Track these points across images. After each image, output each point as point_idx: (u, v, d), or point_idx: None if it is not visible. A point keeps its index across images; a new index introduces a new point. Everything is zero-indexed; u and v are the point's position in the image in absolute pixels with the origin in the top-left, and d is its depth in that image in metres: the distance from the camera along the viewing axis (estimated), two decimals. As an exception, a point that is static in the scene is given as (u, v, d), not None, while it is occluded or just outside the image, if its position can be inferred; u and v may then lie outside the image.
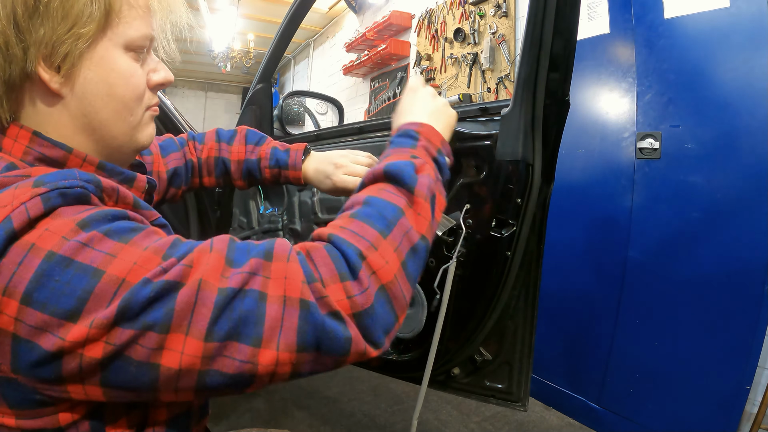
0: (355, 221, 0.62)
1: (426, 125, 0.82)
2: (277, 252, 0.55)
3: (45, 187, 0.50)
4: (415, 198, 0.67)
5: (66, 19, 0.57)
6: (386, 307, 0.58)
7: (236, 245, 0.56)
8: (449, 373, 1.37)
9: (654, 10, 2.27)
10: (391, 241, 0.61)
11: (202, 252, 0.52)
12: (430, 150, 0.79)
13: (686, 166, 2.12)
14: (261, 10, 7.42)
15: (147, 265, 0.49)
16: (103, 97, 0.63)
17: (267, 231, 1.79)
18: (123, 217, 0.54)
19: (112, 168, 0.66)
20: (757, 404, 1.99)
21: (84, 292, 0.47)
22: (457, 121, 0.92)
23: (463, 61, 3.96)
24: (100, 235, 0.49)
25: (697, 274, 2.08)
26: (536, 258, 1.22)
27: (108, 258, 0.48)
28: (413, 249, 0.64)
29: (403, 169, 0.69)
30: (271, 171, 1.13)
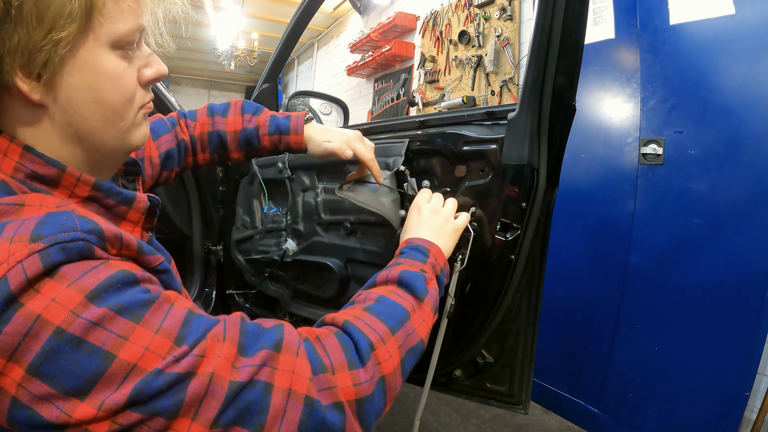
0: (369, 315, 0.69)
1: (435, 246, 0.94)
2: (287, 344, 0.57)
3: (43, 242, 0.47)
4: (423, 306, 0.77)
5: (42, 22, 0.51)
6: (382, 396, 0.63)
7: (247, 329, 0.57)
8: (451, 375, 1.38)
9: (659, 16, 2.27)
10: (397, 338, 0.68)
11: (215, 340, 0.52)
12: (436, 268, 0.90)
13: (689, 172, 2.12)
14: (265, 9, 7.43)
15: (159, 350, 0.48)
16: (90, 104, 0.58)
17: (270, 231, 1.79)
18: (133, 283, 0.51)
19: (109, 188, 0.62)
20: (756, 410, 1.99)
21: (94, 374, 0.46)
22: (458, 230, 1.08)
23: (468, 63, 3.97)
24: (111, 313, 0.47)
25: (697, 281, 2.08)
26: (539, 262, 1.23)
27: (119, 341, 0.47)
28: (412, 349, 0.71)
29: (416, 279, 0.80)
30: (271, 138, 1.11)
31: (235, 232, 1.95)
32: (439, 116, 1.37)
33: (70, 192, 0.59)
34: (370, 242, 1.43)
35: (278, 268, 1.74)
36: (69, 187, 0.58)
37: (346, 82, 6.67)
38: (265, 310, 1.92)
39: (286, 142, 1.12)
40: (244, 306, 2.01)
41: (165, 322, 0.50)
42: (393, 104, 5.18)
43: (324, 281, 1.58)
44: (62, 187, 0.58)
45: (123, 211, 0.65)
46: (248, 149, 1.14)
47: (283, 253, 1.70)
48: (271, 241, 1.78)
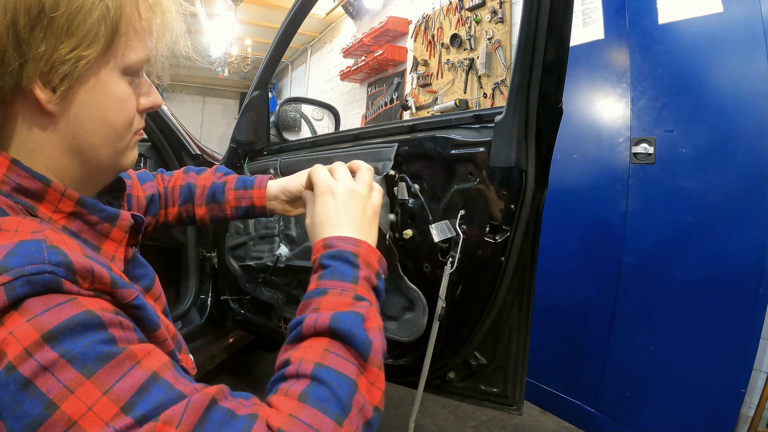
0: (306, 407, 0.53)
1: (363, 243, 0.73)
2: None
3: (8, 275, 0.46)
4: (369, 366, 0.61)
5: (71, 37, 0.54)
6: None
7: (210, 418, 0.48)
8: (445, 378, 1.38)
9: (648, 15, 2.28)
10: (347, 427, 0.54)
11: (166, 424, 0.46)
12: (371, 279, 0.71)
13: (680, 170, 2.13)
14: (258, 16, 7.44)
15: (102, 413, 0.44)
16: (96, 121, 0.61)
17: (263, 237, 1.79)
18: (96, 327, 0.48)
19: (92, 204, 0.62)
20: (753, 407, 2.00)
21: (33, 420, 0.43)
22: (377, 210, 0.82)
23: (460, 66, 3.98)
24: (63, 361, 0.45)
25: (691, 278, 2.09)
26: (530, 263, 1.23)
27: (65, 392, 0.44)
28: (367, 424, 0.58)
29: (353, 330, 0.61)
30: (236, 192, 1.10)
31: (229, 238, 1.95)
32: (428, 120, 1.38)
33: (54, 207, 0.59)
34: None
35: (272, 273, 1.75)
36: (53, 202, 0.59)
37: (340, 87, 6.68)
38: (260, 315, 1.92)
39: (249, 197, 1.10)
40: (239, 312, 2.01)
41: (118, 384, 0.46)
42: (386, 108, 5.19)
43: None
44: (47, 202, 0.59)
45: (106, 229, 0.65)
46: (213, 204, 1.12)
47: (276, 259, 1.70)
48: (265, 247, 1.79)
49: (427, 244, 1.32)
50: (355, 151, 1.49)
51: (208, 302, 2.22)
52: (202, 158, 2.21)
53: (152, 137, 2.22)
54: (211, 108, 12.05)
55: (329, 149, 1.63)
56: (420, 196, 1.32)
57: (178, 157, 2.22)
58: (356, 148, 1.51)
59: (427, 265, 1.34)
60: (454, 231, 1.24)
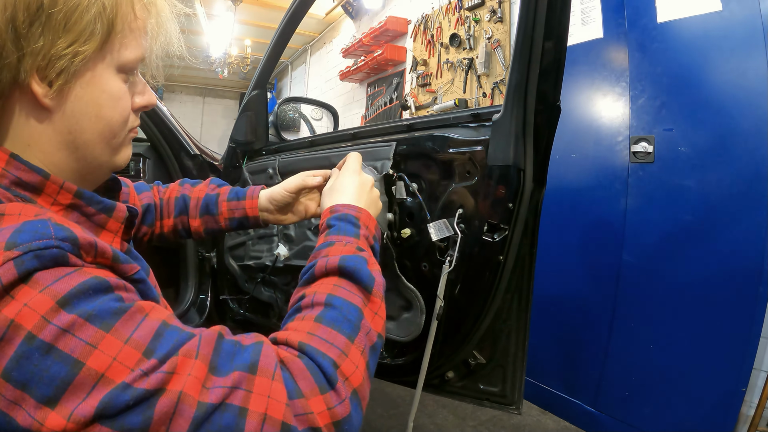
0: (322, 327, 0.63)
1: (364, 211, 0.88)
2: (263, 366, 0.55)
3: (18, 249, 0.48)
4: (373, 298, 0.72)
5: (68, 33, 0.56)
6: (358, 410, 0.60)
7: (222, 347, 0.54)
8: (443, 377, 1.38)
9: (647, 14, 2.28)
10: (357, 344, 0.64)
11: (186, 357, 0.51)
12: (369, 239, 0.84)
13: (680, 169, 2.13)
14: (258, 16, 7.44)
15: (127, 362, 0.48)
16: (91, 117, 0.62)
17: (262, 237, 1.79)
18: (105, 290, 0.51)
19: (90, 197, 0.64)
20: (753, 406, 1.99)
21: (62, 382, 0.46)
22: (380, 209, 0.97)
23: (459, 66, 3.98)
24: (81, 320, 0.47)
25: (691, 277, 2.08)
26: (529, 262, 1.23)
27: (88, 349, 0.47)
28: (373, 348, 0.68)
29: (359, 267, 0.73)
30: (228, 204, 1.14)
31: (228, 238, 1.95)
32: (426, 119, 1.37)
33: (52, 199, 0.61)
34: None
35: (271, 273, 1.75)
36: (52, 195, 0.60)
37: (339, 87, 6.68)
38: (259, 315, 1.92)
39: (242, 207, 1.14)
40: (238, 311, 2.01)
41: (136, 333, 0.50)
42: (386, 108, 5.19)
43: None
44: (45, 194, 0.60)
45: (103, 220, 0.67)
46: (207, 216, 1.15)
47: (275, 259, 1.70)
48: (263, 247, 1.79)
49: (426, 243, 1.31)
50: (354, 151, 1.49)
51: (208, 302, 2.22)
52: (200, 158, 2.21)
53: (151, 137, 2.22)
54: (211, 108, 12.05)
55: (328, 149, 1.63)
56: (418, 195, 1.32)
57: (177, 157, 2.22)
58: (355, 147, 1.51)
59: (425, 264, 1.34)
60: (452, 230, 1.24)
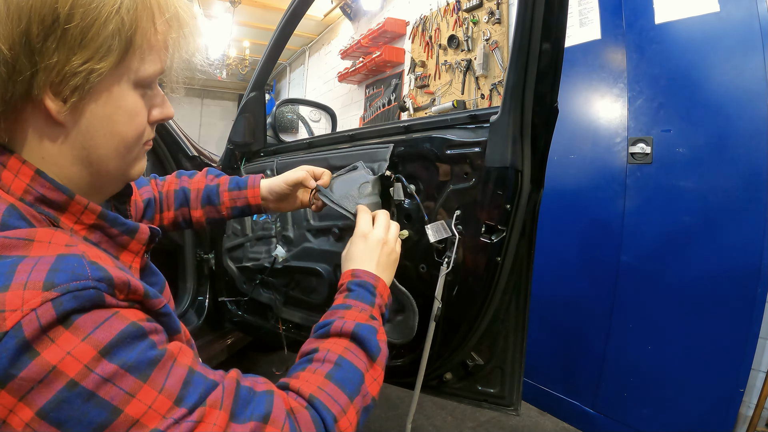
0: (330, 384, 0.72)
1: (381, 280, 0.96)
2: (274, 417, 0.61)
3: (56, 290, 0.48)
4: (375, 365, 0.81)
5: (84, 49, 0.54)
6: None
7: (240, 396, 0.60)
8: (442, 378, 1.38)
9: (645, 15, 2.29)
10: (355, 405, 0.73)
11: (212, 407, 0.56)
12: (382, 307, 0.93)
13: (678, 170, 2.13)
14: (256, 18, 7.45)
15: (160, 409, 0.51)
16: (106, 133, 0.61)
17: (260, 238, 1.79)
18: (141, 336, 0.53)
19: (114, 218, 0.65)
20: (752, 406, 2.00)
21: (100, 426, 0.48)
22: (397, 260, 1.06)
23: (457, 67, 3.98)
24: (122, 371, 0.50)
25: (689, 278, 2.09)
26: (526, 263, 1.23)
27: (127, 398, 0.50)
28: (366, 409, 0.77)
29: (370, 335, 0.82)
30: (230, 194, 1.16)
31: (226, 239, 1.95)
32: (424, 120, 1.37)
33: (76, 218, 0.61)
34: None
35: (269, 274, 1.75)
36: (76, 214, 0.61)
37: (338, 89, 6.68)
38: (258, 317, 1.92)
39: (245, 196, 1.17)
40: (236, 313, 2.00)
41: (168, 381, 0.53)
42: (384, 110, 5.19)
43: (314, 286, 1.59)
44: (69, 213, 0.60)
45: (125, 241, 0.68)
46: (209, 206, 1.18)
47: (273, 260, 1.70)
48: (262, 249, 1.79)
49: (423, 245, 1.31)
50: (352, 152, 1.48)
51: (206, 304, 2.22)
52: (199, 159, 2.21)
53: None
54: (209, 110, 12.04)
55: (326, 150, 1.63)
56: (416, 197, 1.32)
57: (175, 159, 2.22)
58: (352, 149, 1.51)
59: (423, 266, 1.34)
60: (450, 231, 1.24)
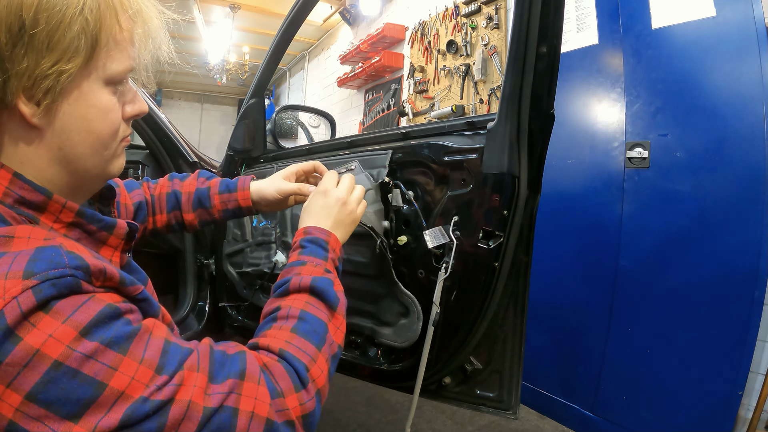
0: (297, 337, 0.75)
1: (332, 235, 0.98)
2: (249, 373, 0.65)
3: (35, 278, 0.51)
4: (336, 315, 0.85)
5: (52, 51, 0.56)
6: (320, 405, 0.74)
7: (215, 358, 0.64)
8: (440, 382, 1.38)
9: (641, 20, 2.30)
10: (323, 353, 0.77)
11: (190, 370, 0.59)
12: (336, 261, 0.95)
13: (675, 174, 2.14)
14: (256, 23, 7.47)
15: (143, 379, 0.54)
16: (81, 132, 0.63)
17: (260, 244, 1.80)
18: (118, 316, 0.56)
19: (92, 215, 0.66)
20: (751, 409, 2.00)
21: (88, 400, 0.51)
22: (356, 221, 1.06)
23: (456, 72, 4.00)
24: (102, 347, 0.52)
25: (687, 282, 2.09)
26: (524, 268, 1.24)
27: (110, 371, 0.52)
28: (333, 356, 0.80)
29: (327, 289, 0.85)
30: (221, 196, 1.17)
31: (227, 245, 1.96)
32: (422, 127, 1.39)
33: (55, 217, 0.63)
34: (355, 253, 1.44)
35: (269, 280, 1.75)
36: (54, 213, 0.62)
37: (337, 94, 6.70)
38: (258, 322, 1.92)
39: (235, 199, 1.18)
40: (236, 318, 2.01)
41: (147, 353, 0.56)
42: (383, 115, 5.21)
43: None
44: (48, 213, 0.62)
45: (104, 237, 0.69)
46: (201, 210, 1.18)
47: (273, 266, 1.71)
48: (262, 254, 1.80)
49: (422, 250, 1.32)
50: (351, 159, 1.50)
51: (206, 309, 2.22)
52: (199, 165, 2.22)
53: (149, 145, 2.23)
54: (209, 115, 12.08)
55: (325, 156, 1.64)
56: (414, 203, 1.33)
57: (176, 165, 2.23)
58: (352, 156, 1.52)
59: (421, 271, 1.35)
60: (448, 237, 1.25)
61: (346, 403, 2.67)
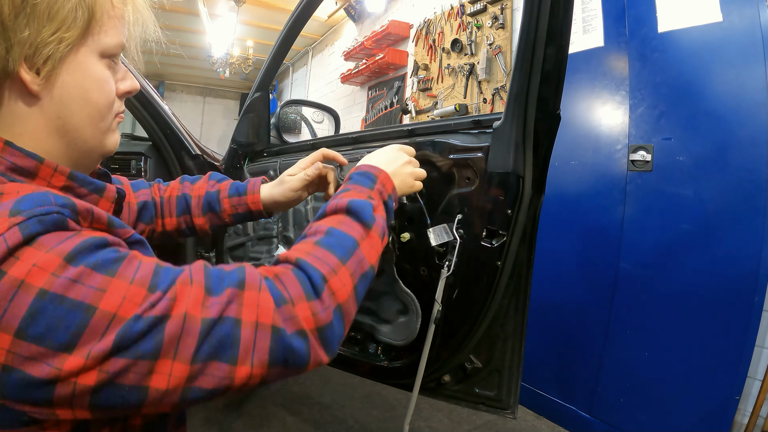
0: (319, 248, 0.71)
1: (384, 172, 0.94)
2: (249, 281, 0.62)
3: (21, 215, 0.51)
4: (371, 233, 0.80)
5: (52, 21, 0.59)
6: (341, 322, 0.68)
7: (211, 273, 0.61)
8: (440, 381, 1.39)
9: (648, 24, 2.30)
10: (348, 267, 0.71)
11: (183, 284, 0.57)
12: (383, 194, 0.90)
13: (677, 178, 2.14)
14: (260, 17, 7.45)
15: (135, 298, 0.53)
16: (79, 101, 0.65)
17: (262, 238, 1.80)
18: (105, 245, 0.56)
19: (82, 178, 0.68)
20: (747, 414, 2.01)
21: (79, 327, 0.50)
22: (413, 187, 1.03)
23: (460, 71, 4.00)
24: (87, 270, 0.52)
25: (687, 285, 2.10)
26: (526, 268, 1.24)
27: (98, 294, 0.51)
28: (363, 275, 0.75)
29: (364, 207, 0.81)
30: (230, 200, 1.16)
31: (228, 239, 1.96)
32: (427, 125, 1.39)
33: (47, 182, 0.64)
34: None
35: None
36: (46, 178, 0.64)
37: (340, 90, 6.69)
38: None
39: (245, 203, 1.17)
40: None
41: (137, 274, 0.55)
42: (386, 112, 5.20)
43: None
44: (39, 178, 0.63)
45: (95, 200, 0.71)
46: (211, 214, 1.17)
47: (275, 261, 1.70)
48: (263, 248, 1.80)
49: (425, 248, 1.32)
50: (355, 155, 1.49)
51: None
52: (202, 158, 2.22)
53: (152, 136, 2.23)
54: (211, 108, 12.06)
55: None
56: (419, 200, 1.33)
57: (179, 157, 2.23)
58: (356, 152, 1.52)
59: (424, 269, 1.35)
60: (452, 235, 1.25)
61: (343, 400, 2.68)
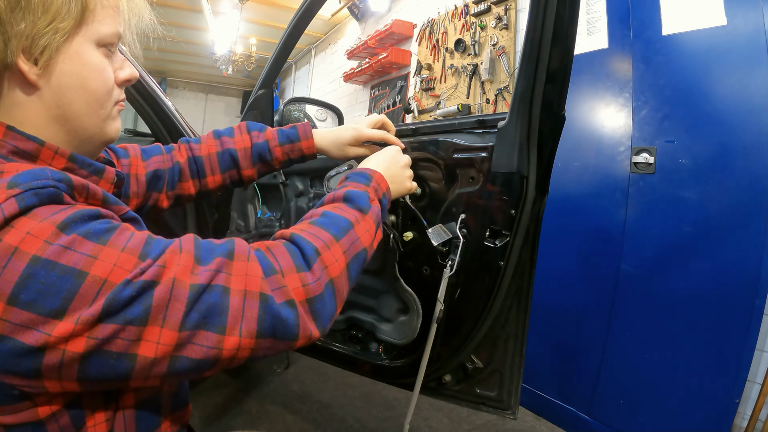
0: (314, 226, 0.75)
1: (378, 173, 0.98)
2: (238, 251, 0.64)
3: (19, 188, 0.53)
4: (366, 218, 0.84)
5: (46, 13, 0.60)
6: (332, 297, 0.70)
7: (201, 244, 0.64)
8: (440, 380, 1.39)
9: (652, 26, 2.30)
10: (341, 244, 0.74)
11: (173, 252, 0.59)
12: (378, 192, 0.94)
13: (680, 181, 2.14)
14: (264, 15, 7.45)
15: (125, 265, 0.54)
16: (77, 89, 0.66)
17: (263, 235, 1.80)
18: (97, 217, 0.57)
19: (82, 160, 0.70)
20: (746, 417, 2.01)
21: (69, 292, 0.51)
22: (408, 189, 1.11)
23: (463, 71, 4.00)
24: (80, 237, 0.53)
25: (688, 288, 2.10)
26: (529, 268, 1.24)
27: (90, 260, 0.52)
28: (356, 256, 0.78)
29: (360, 196, 0.86)
30: (282, 148, 1.16)
31: (229, 235, 1.96)
32: (431, 124, 1.38)
33: (48, 164, 0.65)
34: None
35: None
36: (47, 160, 0.65)
37: (343, 89, 6.69)
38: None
39: (299, 149, 1.17)
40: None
41: (129, 243, 0.56)
42: (389, 111, 5.20)
43: None
44: (41, 160, 0.65)
45: (95, 182, 0.72)
46: (261, 164, 1.16)
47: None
48: (266, 245, 1.79)
49: (427, 247, 1.32)
50: None
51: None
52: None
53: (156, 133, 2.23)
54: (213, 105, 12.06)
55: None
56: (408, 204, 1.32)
57: (181, 154, 2.22)
58: None
59: (426, 268, 1.35)
60: (450, 234, 1.25)
61: (343, 398, 2.68)
